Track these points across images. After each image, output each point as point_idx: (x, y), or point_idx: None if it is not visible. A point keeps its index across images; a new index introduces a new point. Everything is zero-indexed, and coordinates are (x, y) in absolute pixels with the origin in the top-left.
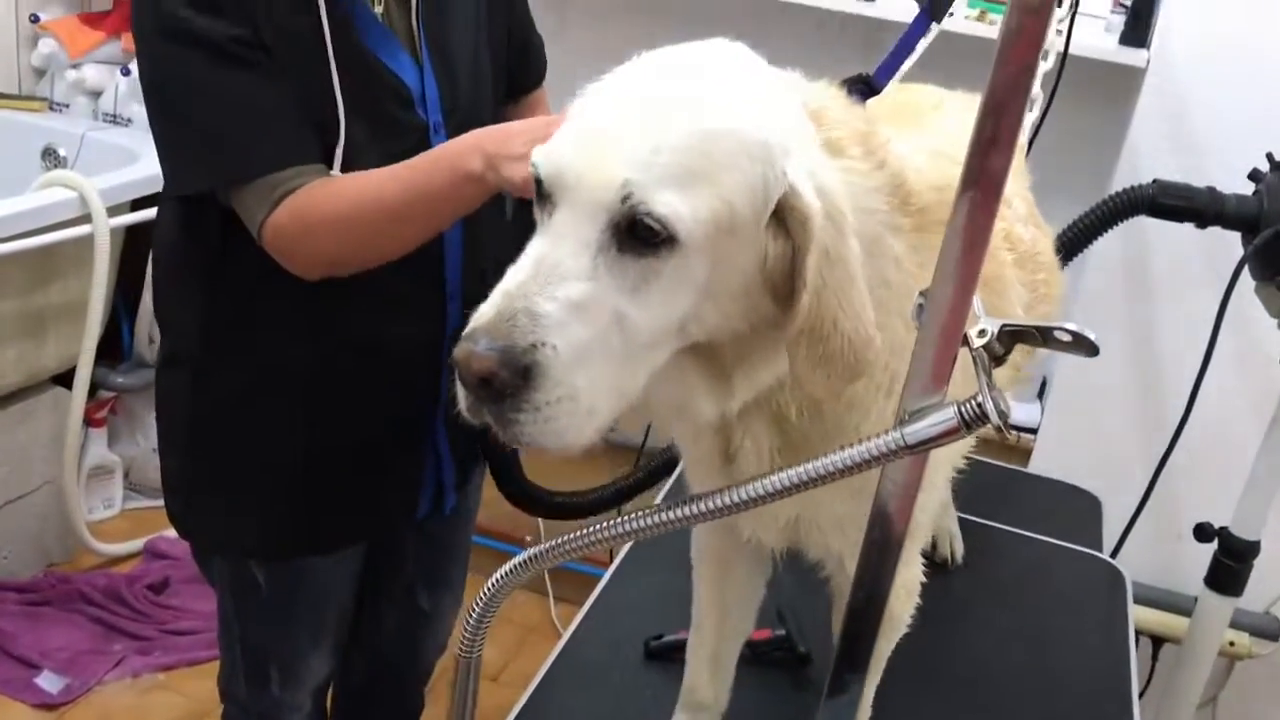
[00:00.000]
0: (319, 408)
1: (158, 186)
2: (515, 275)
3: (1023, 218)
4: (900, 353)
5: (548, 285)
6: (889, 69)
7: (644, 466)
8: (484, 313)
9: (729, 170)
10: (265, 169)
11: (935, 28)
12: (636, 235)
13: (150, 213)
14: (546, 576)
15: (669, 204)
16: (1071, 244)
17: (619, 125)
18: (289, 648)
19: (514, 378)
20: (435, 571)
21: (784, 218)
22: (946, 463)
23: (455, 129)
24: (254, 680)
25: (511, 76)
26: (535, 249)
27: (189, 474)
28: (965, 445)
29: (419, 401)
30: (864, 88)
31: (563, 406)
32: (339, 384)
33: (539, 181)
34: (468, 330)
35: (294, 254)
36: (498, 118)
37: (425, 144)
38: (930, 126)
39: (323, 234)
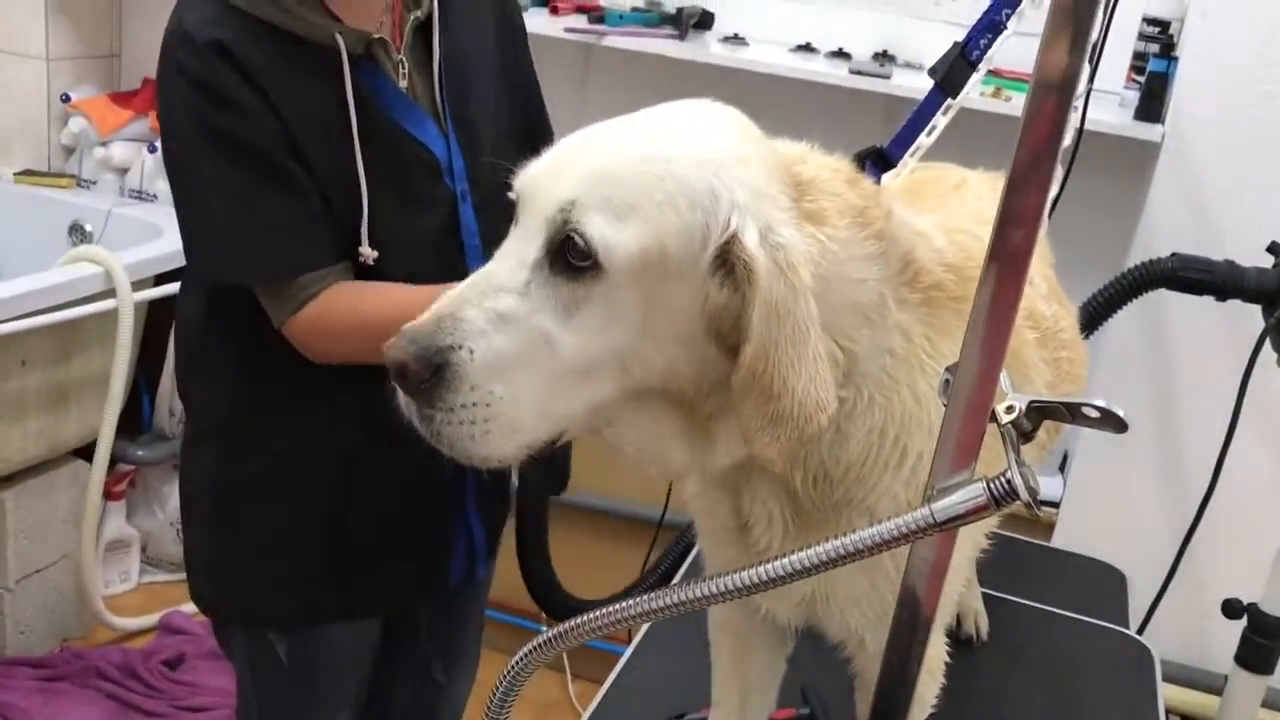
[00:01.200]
0: (345, 485)
1: (181, 261)
2: (460, 287)
3: (1045, 295)
4: (909, 425)
5: (481, 296)
6: (903, 141)
7: (661, 567)
8: (422, 317)
9: (666, 209)
10: (288, 274)
11: (952, 103)
12: (569, 257)
13: (173, 287)
14: (564, 654)
15: (599, 227)
16: (1091, 318)
17: (579, 153)
18: (307, 717)
19: (424, 372)
20: (451, 642)
21: (732, 268)
22: (969, 539)
23: (482, 200)
24: None
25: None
26: (486, 264)
27: (212, 550)
28: (990, 522)
29: (446, 475)
30: (878, 161)
31: (478, 411)
32: (365, 461)
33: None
34: (402, 329)
35: (313, 350)
36: None
37: (455, 215)
38: (952, 205)
39: (340, 340)
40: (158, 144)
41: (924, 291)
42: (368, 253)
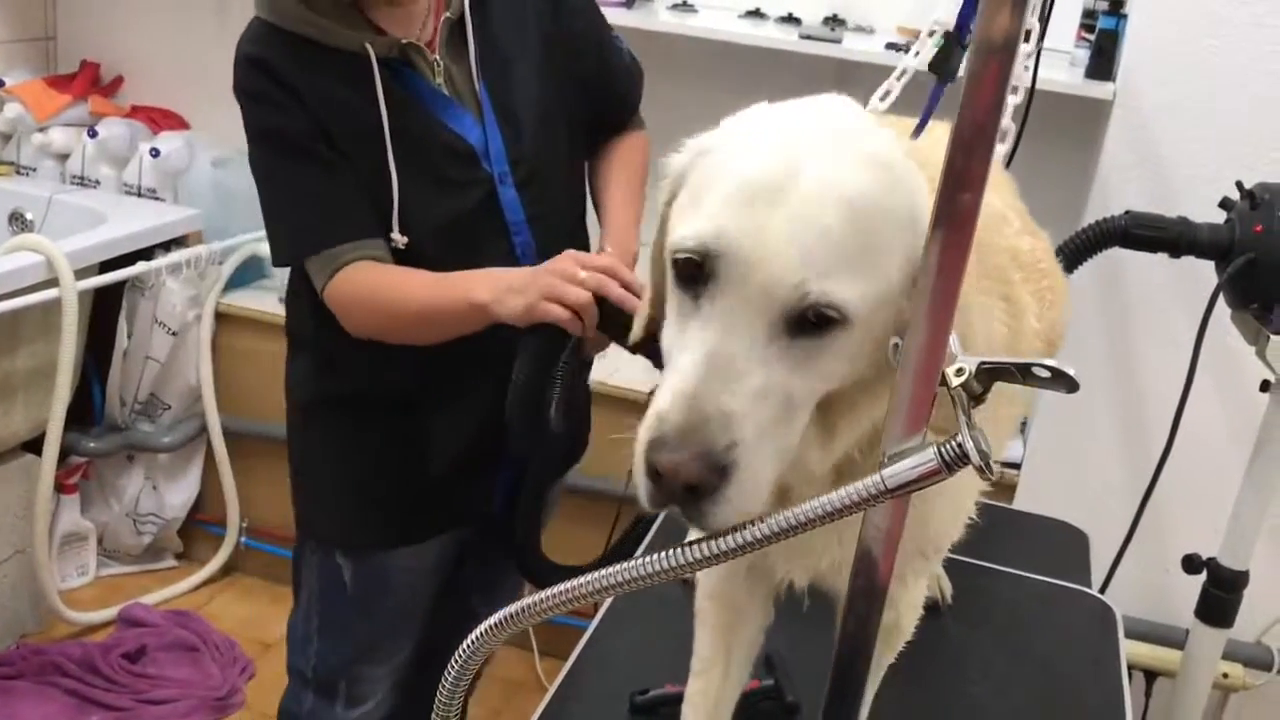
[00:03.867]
0: (417, 416)
1: (126, 248)
2: (690, 372)
3: (1019, 230)
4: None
5: (729, 382)
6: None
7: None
8: (671, 418)
9: (890, 250)
10: (321, 246)
11: (905, 68)
12: (807, 321)
13: (118, 274)
14: (531, 631)
15: (838, 294)
16: None
17: (781, 214)
18: (363, 657)
19: (716, 479)
20: (489, 574)
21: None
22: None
23: (525, 178)
24: (323, 693)
25: (603, 115)
26: (704, 341)
27: (302, 457)
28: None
29: (500, 417)
30: None
31: (749, 488)
32: (433, 397)
33: (692, 262)
34: (658, 436)
35: (345, 322)
36: (577, 164)
37: (494, 196)
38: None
39: (359, 314)
40: (98, 129)
41: (1026, 269)
42: (399, 239)
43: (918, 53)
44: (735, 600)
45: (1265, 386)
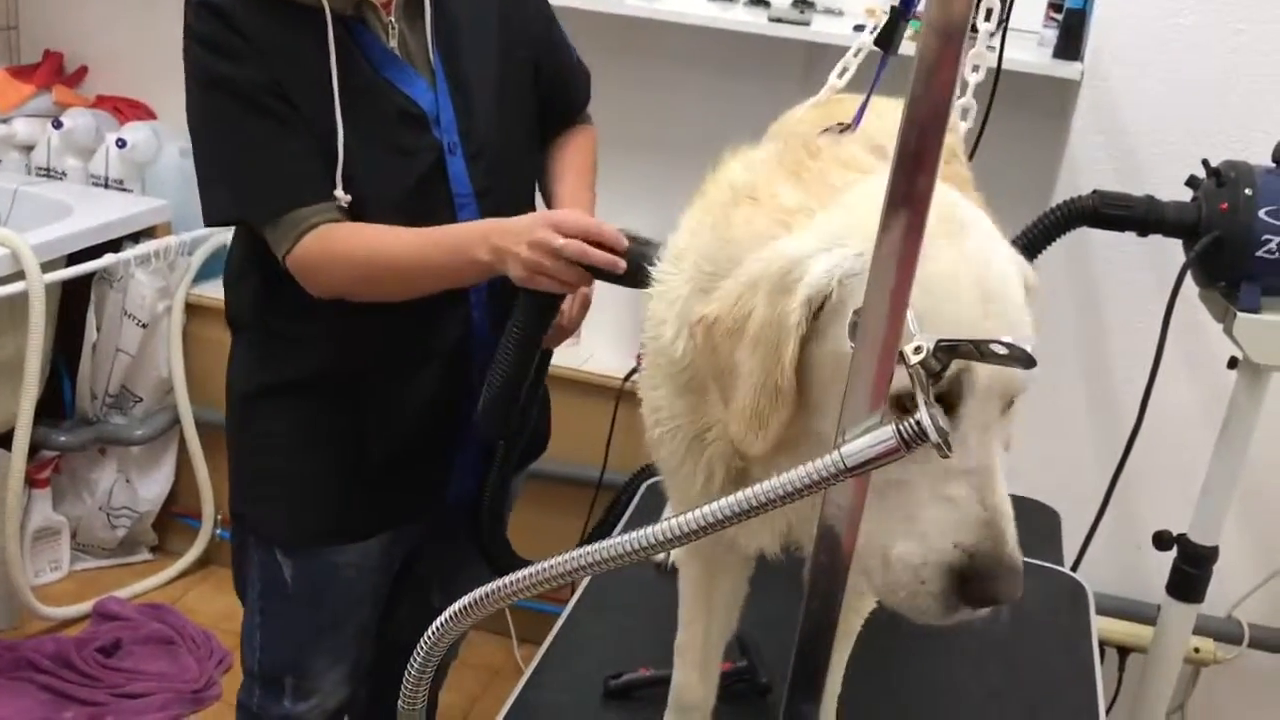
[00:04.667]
0: (358, 405)
1: (94, 240)
2: (1000, 492)
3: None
4: None
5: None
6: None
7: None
8: (1012, 543)
9: None
10: (285, 208)
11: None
12: None
13: (86, 267)
14: (509, 617)
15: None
16: None
17: (998, 322)
18: (306, 654)
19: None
20: (449, 569)
21: None
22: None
23: (475, 151)
24: (269, 689)
25: (551, 106)
26: (986, 459)
27: (238, 453)
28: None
29: (448, 400)
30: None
31: None
32: (377, 385)
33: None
34: (1013, 564)
35: (313, 282)
36: (535, 152)
37: (441, 166)
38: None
39: (338, 272)
40: (63, 119)
41: None
42: (342, 196)
43: (874, 29)
44: (711, 556)
45: (1233, 363)
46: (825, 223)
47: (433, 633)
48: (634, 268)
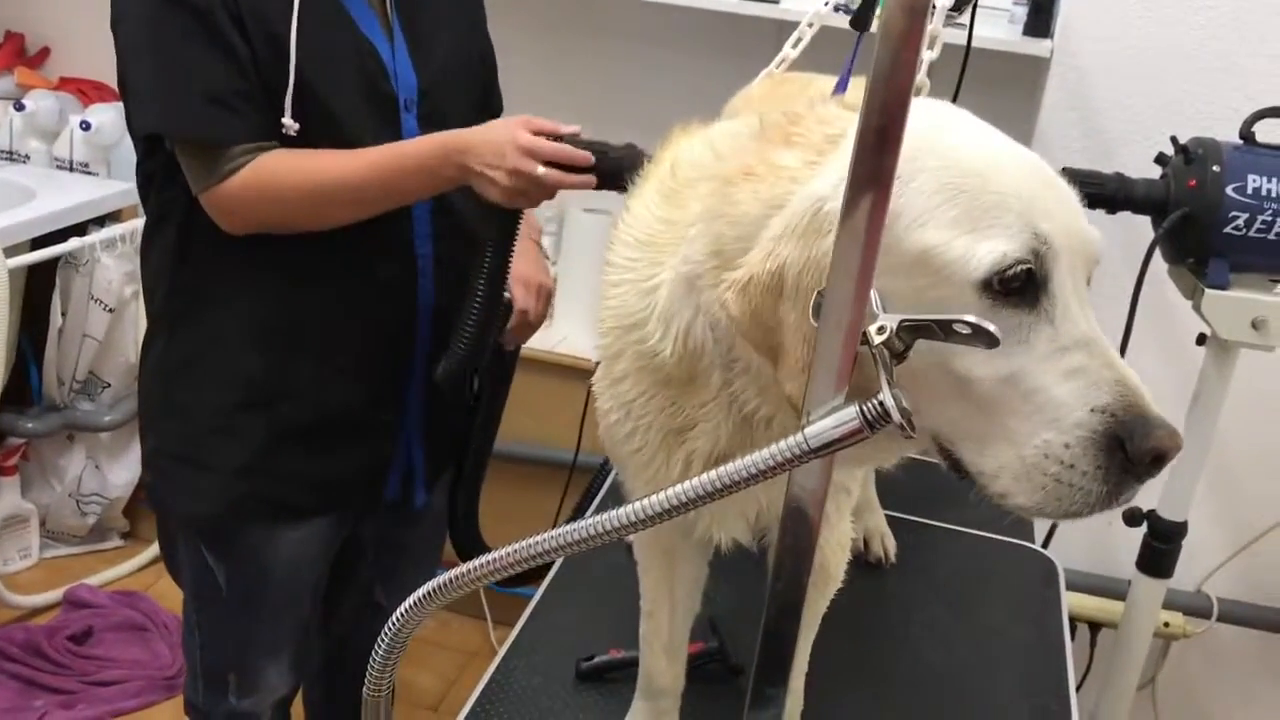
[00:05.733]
0: (276, 368)
1: (58, 224)
2: (1118, 357)
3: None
4: None
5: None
6: (841, 86)
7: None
8: (1152, 399)
9: None
10: (217, 138)
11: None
12: None
13: (50, 251)
14: (484, 600)
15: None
16: None
17: (1054, 192)
18: (247, 652)
19: None
20: (393, 565)
21: None
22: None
23: (428, 112)
24: (212, 686)
25: (485, 105)
26: (1093, 328)
27: (155, 439)
28: None
29: (390, 376)
30: None
31: None
32: (295, 347)
33: (1024, 272)
34: (1162, 417)
35: (240, 215)
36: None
37: (395, 118)
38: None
39: (276, 200)
40: (26, 102)
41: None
42: (289, 124)
43: (826, 2)
44: (669, 545)
45: (1201, 340)
46: (839, 160)
47: (399, 617)
48: (608, 175)
